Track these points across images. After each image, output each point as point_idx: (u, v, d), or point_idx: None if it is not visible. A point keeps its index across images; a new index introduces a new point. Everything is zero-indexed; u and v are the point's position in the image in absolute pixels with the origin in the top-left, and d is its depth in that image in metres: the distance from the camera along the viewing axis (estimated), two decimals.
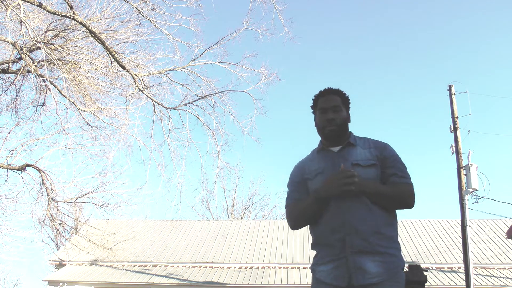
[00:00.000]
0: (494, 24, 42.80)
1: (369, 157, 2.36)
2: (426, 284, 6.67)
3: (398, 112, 45.45)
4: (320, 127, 2.45)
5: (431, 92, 45.34)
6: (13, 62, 9.88)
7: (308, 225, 2.43)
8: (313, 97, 2.52)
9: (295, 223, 2.44)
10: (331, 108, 2.42)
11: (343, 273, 2.19)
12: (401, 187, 2.33)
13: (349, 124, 2.51)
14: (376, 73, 45.45)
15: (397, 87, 45.18)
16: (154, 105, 10.06)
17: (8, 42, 8.79)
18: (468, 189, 12.23)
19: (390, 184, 2.32)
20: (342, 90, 2.51)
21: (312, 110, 2.54)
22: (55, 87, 10.01)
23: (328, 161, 2.39)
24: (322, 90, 2.50)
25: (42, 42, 8.06)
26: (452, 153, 12.85)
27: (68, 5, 8.22)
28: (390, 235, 2.29)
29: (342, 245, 2.21)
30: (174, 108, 10.29)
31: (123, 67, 8.92)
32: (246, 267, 15.24)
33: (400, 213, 2.43)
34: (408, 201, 2.33)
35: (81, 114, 10.29)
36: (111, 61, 9.02)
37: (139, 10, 8.89)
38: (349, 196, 2.21)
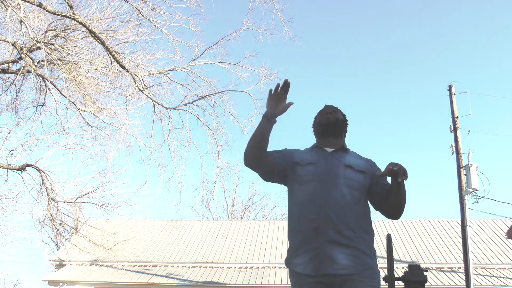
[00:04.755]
0: (494, 24, 42.87)
1: (360, 165, 2.44)
2: (426, 284, 6.66)
3: (398, 112, 45.50)
4: (319, 119, 2.55)
5: (431, 92, 45.36)
6: (13, 62, 9.88)
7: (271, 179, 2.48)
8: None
9: (247, 151, 2.37)
10: (332, 111, 2.57)
11: (319, 263, 2.23)
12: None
13: (344, 138, 2.60)
14: (376, 72, 45.50)
15: (397, 87, 45.22)
16: (154, 105, 10.07)
17: (8, 42, 8.79)
18: (468, 189, 12.23)
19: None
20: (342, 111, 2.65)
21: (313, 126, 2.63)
22: (55, 87, 10.01)
23: (322, 157, 2.45)
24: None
25: (42, 42, 8.06)
26: (452, 153, 12.86)
27: (68, 5, 8.23)
28: (364, 237, 2.33)
29: (315, 234, 2.26)
30: (174, 108, 10.30)
31: (123, 67, 8.92)
32: (246, 267, 15.24)
33: None
34: (402, 206, 2.38)
35: (81, 114, 10.29)
36: (111, 61, 9.02)
37: (139, 10, 8.90)
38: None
